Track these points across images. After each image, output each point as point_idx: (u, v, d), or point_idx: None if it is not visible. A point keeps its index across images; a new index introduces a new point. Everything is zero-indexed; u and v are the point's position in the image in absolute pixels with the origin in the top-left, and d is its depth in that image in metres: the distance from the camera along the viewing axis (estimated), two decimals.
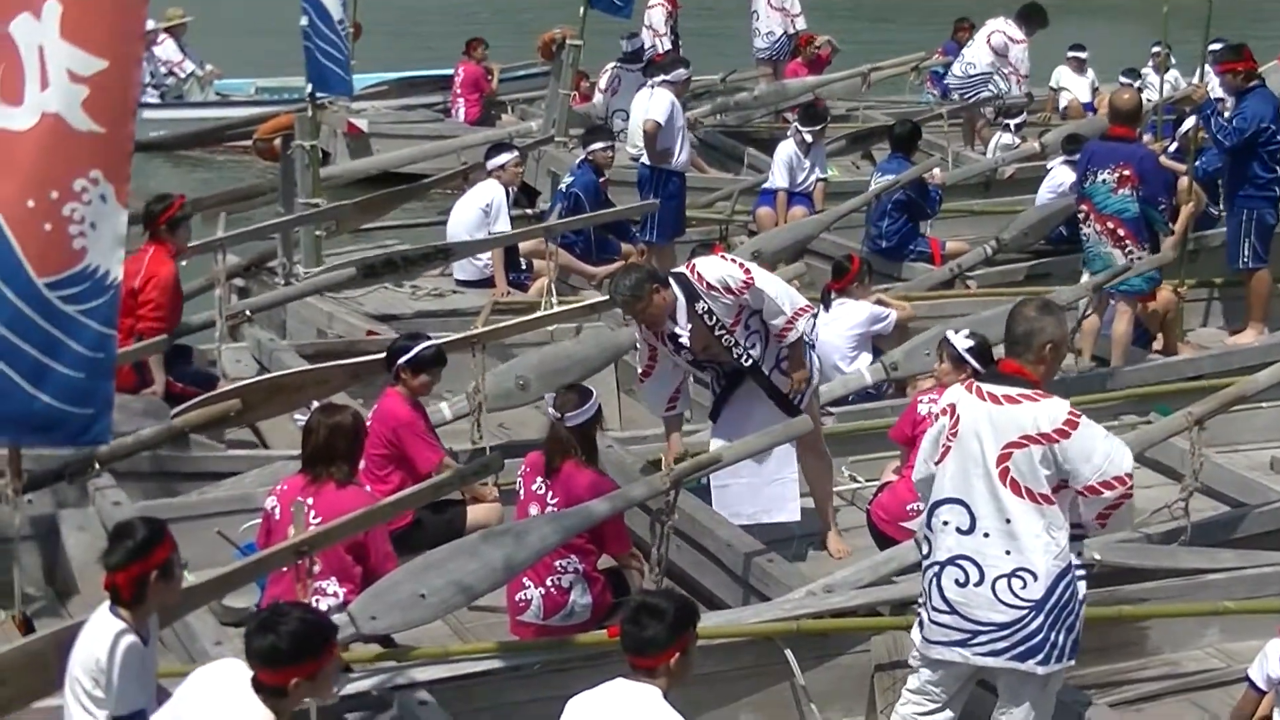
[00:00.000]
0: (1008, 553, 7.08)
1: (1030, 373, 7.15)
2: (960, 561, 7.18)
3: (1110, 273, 12.38)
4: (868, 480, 10.56)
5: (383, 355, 10.00)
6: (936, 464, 7.27)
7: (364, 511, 7.81)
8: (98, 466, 9.58)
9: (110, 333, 7.85)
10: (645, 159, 15.67)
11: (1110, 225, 12.55)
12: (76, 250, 7.65)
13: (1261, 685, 7.61)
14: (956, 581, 7.18)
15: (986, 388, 7.17)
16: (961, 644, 7.20)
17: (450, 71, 22.95)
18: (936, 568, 7.22)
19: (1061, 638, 7.10)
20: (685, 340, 9.33)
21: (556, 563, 8.49)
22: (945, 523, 7.22)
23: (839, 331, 12.12)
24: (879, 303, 12.42)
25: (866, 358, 12.06)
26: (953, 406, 7.24)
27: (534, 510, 8.60)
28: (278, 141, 15.69)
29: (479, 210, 14.72)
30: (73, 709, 6.46)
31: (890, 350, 11.84)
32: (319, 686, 6.00)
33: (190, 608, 7.49)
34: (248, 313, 12.65)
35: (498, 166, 14.80)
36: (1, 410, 7.76)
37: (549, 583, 8.46)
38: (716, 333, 9.33)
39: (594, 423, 8.78)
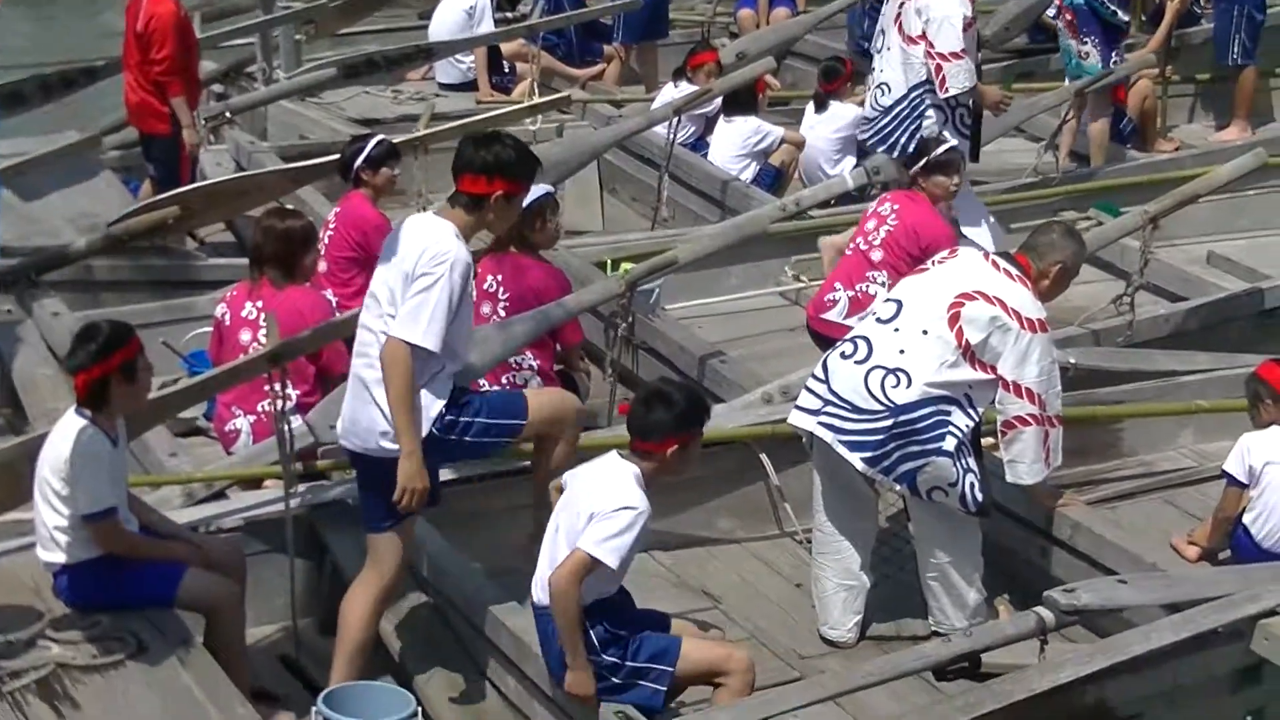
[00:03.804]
0: (902, 352, 7.16)
1: (1033, 276, 7.33)
2: (857, 339, 7.32)
3: (1091, 79, 12.34)
4: (812, 280, 10.53)
5: (324, 160, 10.02)
6: (912, 274, 7.44)
7: (344, 318, 7.83)
8: (34, 277, 9.54)
9: None
10: None
11: (1068, 17, 12.62)
12: None
13: (1243, 479, 7.69)
14: (843, 354, 7.30)
15: (995, 257, 7.40)
16: (814, 412, 7.29)
17: None
18: (841, 341, 7.38)
19: (896, 454, 7.11)
20: None
21: (513, 359, 8.41)
22: (873, 311, 7.43)
23: (825, 134, 12.23)
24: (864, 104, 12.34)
25: (850, 161, 12.14)
26: (955, 250, 7.55)
27: (486, 308, 8.55)
28: None
29: (462, 13, 14.58)
30: (43, 511, 6.50)
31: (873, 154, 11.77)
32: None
33: (164, 416, 7.53)
34: (228, 114, 12.55)
35: None
36: None
37: (504, 380, 8.39)
38: None
39: (531, 218, 8.51)
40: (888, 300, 7.44)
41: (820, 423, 7.27)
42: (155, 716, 5.95)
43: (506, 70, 14.68)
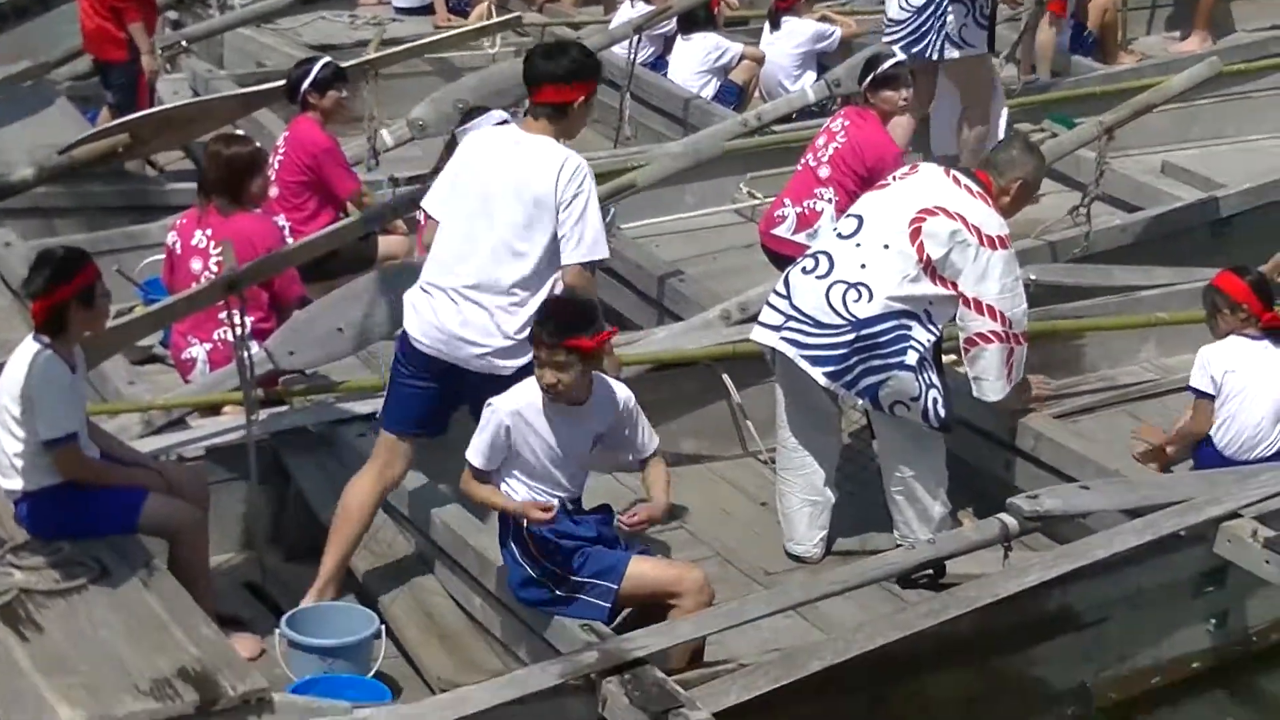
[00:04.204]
0: (863, 266, 7.15)
1: (994, 192, 7.31)
2: (819, 255, 7.31)
3: None
4: (766, 197, 10.46)
5: (275, 85, 9.95)
6: (873, 190, 7.43)
7: (301, 244, 7.82)
8: None
9: None
10: None
11: None
12: None
13: (1209, 390, 7.70)
14: (804, 269, 7.30)
15: (956, 172, 7.36)
16: (777, 328, 7.29)
17: None
18: (802, 257, 7.37)
19: (859, 368, 7.11)
20: None
21: None
22: (834, 228, 7.41)
23: (785, 50, 12.22)
24: (823, 19, 12.35)
25: (811, 76, 12.16)
26: (917, 166, 7.52)
27: None
28: None
29: None
30: (2, 438, 6.44)
31: (834, 68, 11.78)
32: None
33: (122, 344, 7.49)
34: (184, 43, 12.45)
35: None
36: None
37: None
38: None
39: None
40: (849, 215, 7.42)
41: (783, 338, 7.26)
42: (119, 638, 5.90)
43: None
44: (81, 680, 5.68)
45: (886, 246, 7.14)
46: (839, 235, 7.34)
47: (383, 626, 6.65)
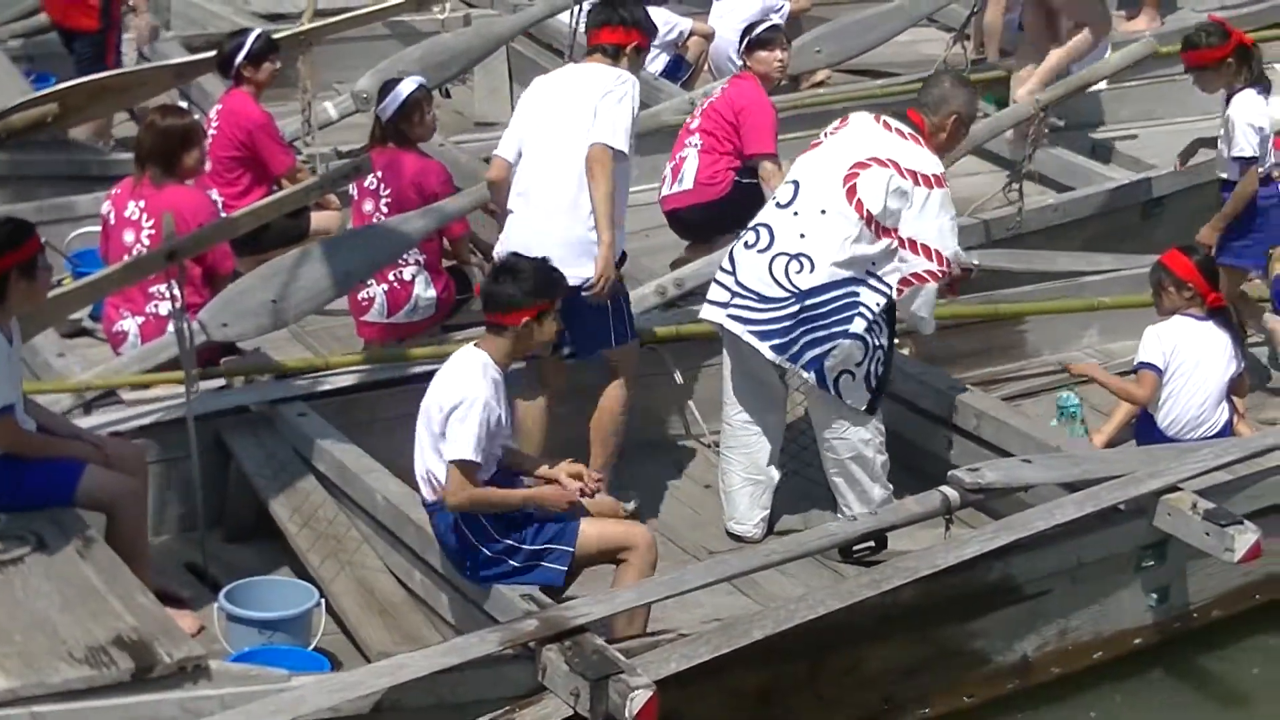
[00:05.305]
0: (802, 236, 7.15)
1: (928, 131, 7.28)
2: (759, 227, 7.31)
3: None
4: None
5: (206, 55, 9.92)
6: (804, 153, 7.37)
7: (241, 213, 7.76)
8: None
9: None
10: None
11: None
12: None
13: (1160, 364, 7.72)
14: (746, 243, 7.30)
15: (887, 118, 7.31)
16: (723, 305, 7.30)
17: None
18: (744, 231, 7.37)
19: (803, 340, 7.12)
20: None
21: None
22: (774, 198, 7.38)
23: (733, 25, 12.08)
24: None
25: None
26: (847, 118, 7.45)
27: (368, 205, 8.52)
28: None
29: None
30: None
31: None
32: None
33: (59, 316, 7.42)
34: (129, 2, 12.35)
35: None
36: None
37: (391, 277, 8.33)
38: None
39: (406, 112, 8.55)
40: (786, 181, 7.41)
41: (729, 315, 7.26)
42: (54, 609, 5.85)
43: None
44: (16, 649, 5.64)
45: (824, 211, 7.13)
46: (777, 204, 7.33)
47: (323, 600, 6.61)
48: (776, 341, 7.13)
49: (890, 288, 7.14)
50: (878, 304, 7.12)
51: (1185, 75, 9.09)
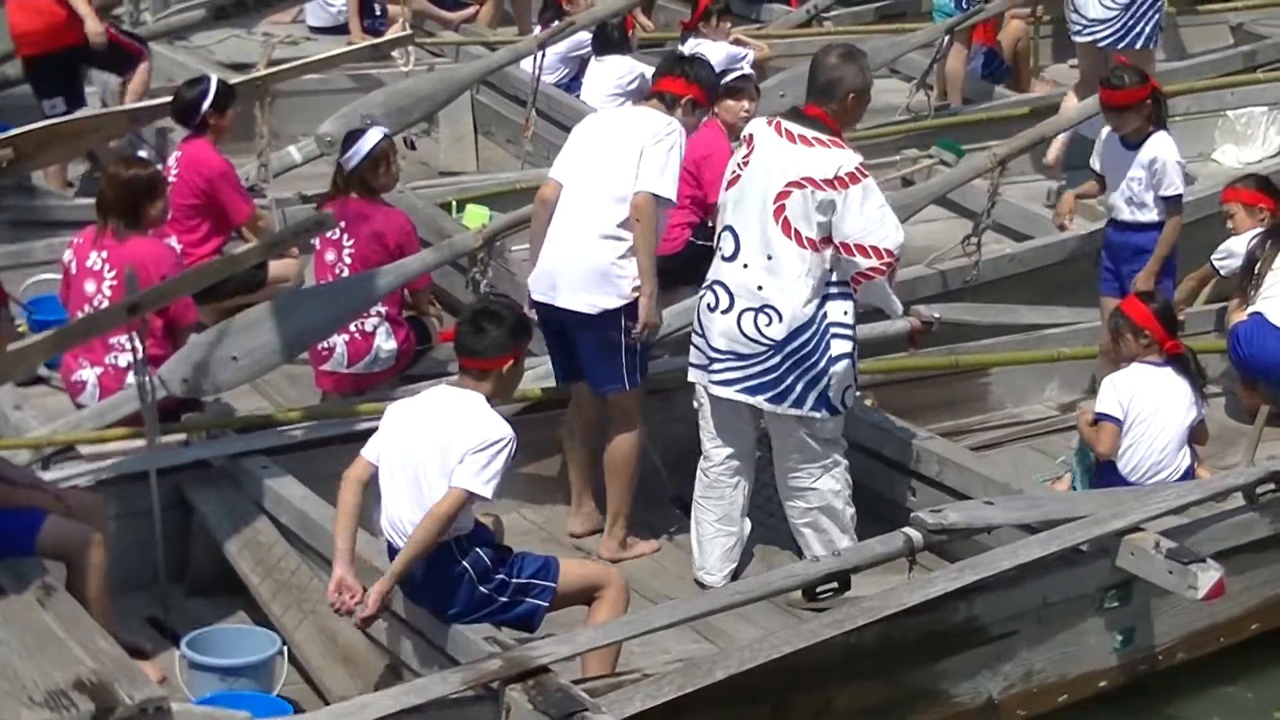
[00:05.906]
0: (760, 288, 7.17)
1: (832, 119, 7.24)
2: (715, 287, 7.31)
3: (961, 17, 12.45)
4: None
5: (162, 101, 9.96)
6: (725, 190, 7.37)
7: (201, 268, 7.78)
8: None
9: None
10: None
11: None
12: None
13: (1118, 415, 7.75)
14: (708, 305, 7.32)
15: (787, 125, 7.24)
16: (704, 369, 7.35)
17: None
18: (702, 290, 7.39)
19: (799, 384, 7.16)
20: None
21: None
22: (719, 248, 7.37)
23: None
24: (736, 42, 12.37)
25: None
26: (751, 137, 7.37)
27: (330, 256, 8.53)
28: None
29: None
30: None
31: None
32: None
33: (20, 368, 7.37)
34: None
35: None
36: None
37: (353, 328, 8.33)
38: None
39: (372, 163, 8.60)
40: (722, 230, 7.37)
41: (714, 380, 7.31)
42: (13, 654, 5.79)
43: (378, 13, 14.57)
44: None
45: (770, 257, 7.14)
46: (723, 258, 7.32)
47: (285, 648, 6.57)
48: (771, 393, 7.18)
49: (848, 286, 7.18)
50: (845, 311, 7.17)
51: None
